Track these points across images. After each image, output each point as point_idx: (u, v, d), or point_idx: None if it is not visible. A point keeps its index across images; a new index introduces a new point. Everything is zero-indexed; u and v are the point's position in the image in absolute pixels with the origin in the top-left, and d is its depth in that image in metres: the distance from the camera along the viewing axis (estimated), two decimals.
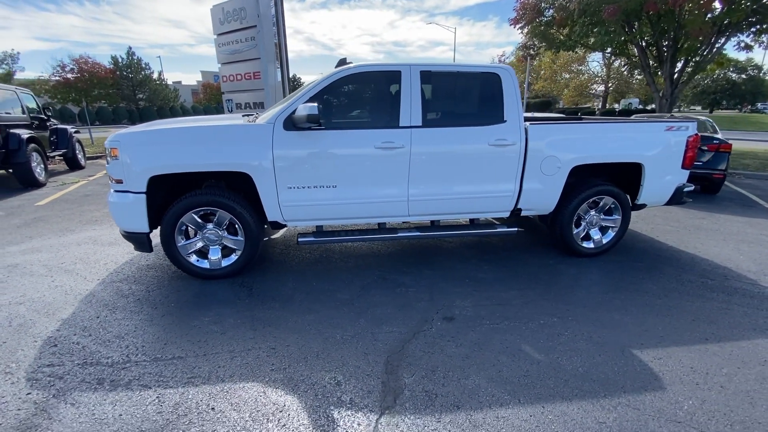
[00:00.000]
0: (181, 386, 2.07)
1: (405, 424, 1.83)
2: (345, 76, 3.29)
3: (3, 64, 29.94)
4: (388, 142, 3.24)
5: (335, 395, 2.01)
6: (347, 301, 3.00)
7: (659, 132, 3.75)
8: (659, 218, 5.41)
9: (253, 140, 3.09)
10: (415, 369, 2.22)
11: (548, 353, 2.39)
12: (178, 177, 3.18)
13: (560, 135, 3.57)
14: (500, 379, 2.15)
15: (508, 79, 3.47)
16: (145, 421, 1.84)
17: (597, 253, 3.95)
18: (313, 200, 3.27)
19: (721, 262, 3.89)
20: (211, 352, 2.36)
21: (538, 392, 2.05)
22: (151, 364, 2.25)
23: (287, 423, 1.83)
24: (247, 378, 2.13)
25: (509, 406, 1.95)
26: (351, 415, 1.88)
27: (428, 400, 1.98)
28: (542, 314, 2.84)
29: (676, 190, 3.94)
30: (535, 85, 42.34)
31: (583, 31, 11.32)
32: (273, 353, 2.35)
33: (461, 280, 3.41)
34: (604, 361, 2.32)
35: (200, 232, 3.24)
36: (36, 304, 2.91)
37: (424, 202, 3.47)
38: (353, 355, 2.34)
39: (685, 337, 2.59)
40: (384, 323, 2.70)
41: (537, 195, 3.64)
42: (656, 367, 2.27)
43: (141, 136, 3.05)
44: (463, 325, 2.68)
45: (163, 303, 2.95)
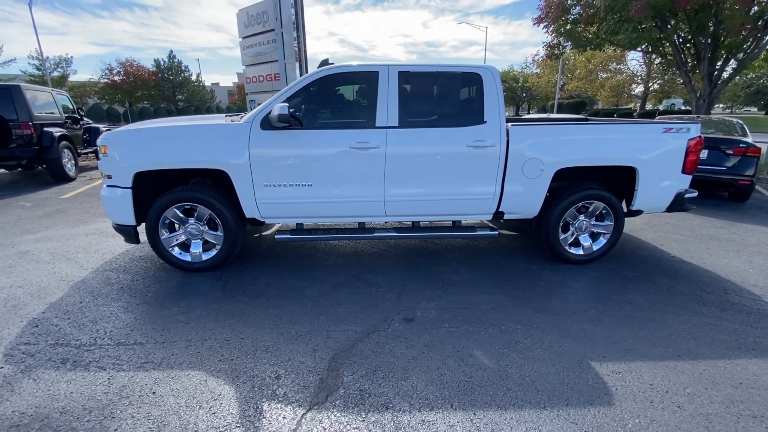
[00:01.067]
0: (133, 370, 2.19)
1: (329, 420, 1.86)
2: (323, 77, 3.35)
3: (58, 68, 32.44)
4: (363, 142, 3.27)
5: (271, 388, 2.06)
6: (314, 299, 3.05)
7: (655, 134, 3.54)
8: (669, 225, 5.09)
9: (231, 139, 3.21)
10: (357, 368, 2.23)
11: (499, 360, 2.32)
12: (165, 173, 3.35)
13: (543, 137, 3.45)
14: (440, 382, 2.12)
15: (490, 79, 3.40)
16: (91, 399, 1.97)
17: (587, 260, 3.78)
18: (289, 198, 3.34)
19: (726, 275, 3.61)
20: (170, 340, 2.48)
21: (474, 399, 2.01)
22: (114, 348, 2.39)
23: (217, 411, 1.90)
24: (195, 366, 2.23)
25: (438, 411, 1.92)
26: (279, 408, 1.93)
27: (360, 399, 1.99)
28: (507, 320, 2.77)
29: (676, 196, 3.70)
30: (569, 85, 40.81)
31: (611, 28, 10.79)
32: (226, 344, 2.44)
33: (435, 282, 3.37)
34: (557, 371, 2.23)
35: (183, 226, 3.41)
36: (33, 288, 3.17)
37: (401, 203, 3.46)
38: (302, 350, 2.39)
39: (655, 352, 2.43)
40: (343, 321, 2.72)
41: (519, 198, 3.53)
42: (611, 382, 2.15)
43: (128, 135, 3.25)
44: (421, 327, 2.66)
45: (143, 292, 3.12)
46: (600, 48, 12.93)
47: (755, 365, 2.32)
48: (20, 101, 6.54)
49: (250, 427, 1.81)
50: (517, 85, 54.43)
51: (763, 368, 2.29)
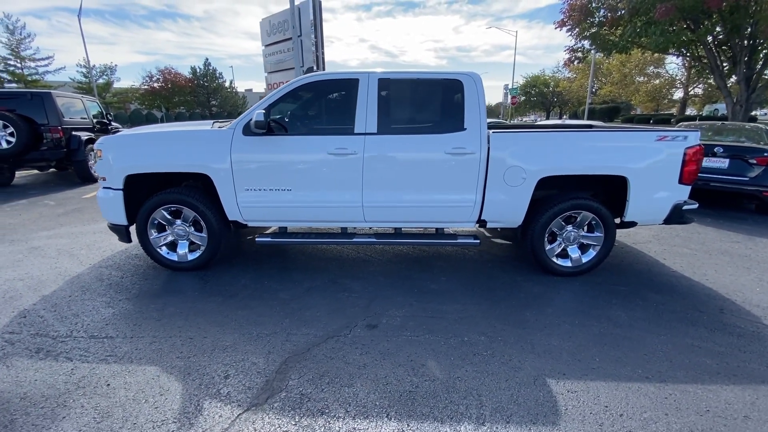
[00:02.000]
0: (96, 362, 2.32)
1: (262, 421, 1.89)
2: (304, 84, 3.43)
3: (103, 75, 34.76)
4: (342, 149, 3.31)
5: (217, 387, 2.12)
6: (285, 301, 3.10)
7: (648, 142, 3.36)
8: (679, 239, 4.80)
9: (214, 145, 3.34)
10: (305, 372, 2.26)
11: (451, 372, 2.28)
12: (156, 176, 3.53)
13: (525, 144, 3.36)
14: (383, 391, 2.11)
15: (471, 86, 3.36)
16: (51, 387, 2.10)
17: (576, 272, 3.63)
18: (269, 202, 3.43)
19: (728, 293, 3.37)
20: (138, 335, 2.60)
21: (413, 410, 1.98)
22: (86, 340, 2.54)
23: (160, 406, 1.98)
24: (153, 362, 2.33)
25: (372, 420, 1.91)
26: (219, 407, 1.98)
27: (298, 403, 2.01)
28: (471, 331, 2.71)
29: (674, 207, 3.50)
30: (602, 90, 39.29)
31: (636, 31, 10.35)
32: (188, 342, 2.53)
33: (410, 289, 3.35)
34: (508, 386, 2.16)
35: (171, 227, 3.56)
36: (32, 281, 3.42)
37: (380, 209, 3.47)
38: (257, 352, 2.44)
39: (621, 372, 2.31)
40: (306, 325, 2.76)
41: (502, 207, 3.46)
42: (563, 401, 2.06)
43: (120, 140, 3.46)
44: (382, 335, 2.65)
45: (128, 289, 3.29)
46: (626, 51, 12.39)
47: (730, 392, 2.15)
48: (51, 107, 7.08)
49: (185, 423, 1.87)
50: (547, 90, 53.07)
51: (737, 396, 2.12)
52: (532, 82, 53.04)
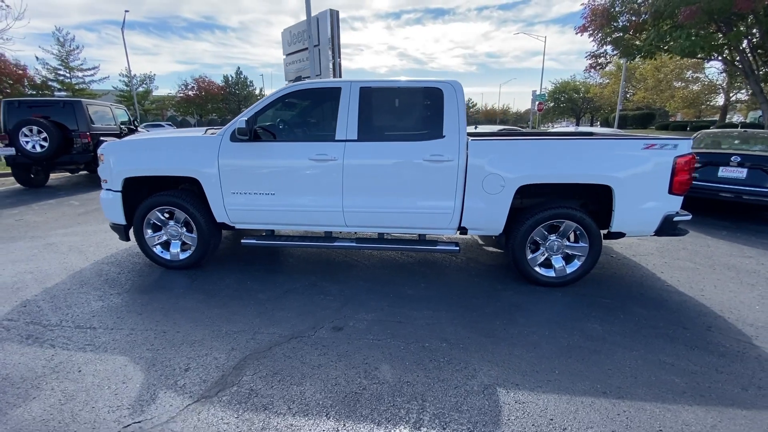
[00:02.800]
0: (75, 350, 2.50)
1: (207, 413, 1.98)
2: (289, 93, 3.57)
3: (143, 84, 37.00)
4: (322, 155, 3.41)
5: (174, 378, 2.24)
6: (261, 301, 3.22)
7: (634, 150, 3.26)
8: (685, 252, 4.57)
9: (203, 150, 3.53)
10: (261, 369, 2.34)
11: (402, 376, 2.30)
12: (155, 179, 3.77)
13: (503, 152, 3.34)
14: (330, 392, 2.16)
15: (451, 93, 3.39)
16: (30, 371, 2.29)
17: (560, 283, 3.54)
18: (254, 206, 3.58)
19: (722, 310, 3.19)
20: (118, 327, 2.78)
21: (354, 411, 2.02)
22: (71, 330, 2.75)
23: (119, 393, 2.12)
24: (124, 352, 2.49)
25: (311, 418, 1.96)
26: (171, 397, 2.10)
27: (245, 398, 2.10)
28: (435, 337, 2.71)
29: (664, 219, 3.37)
30: (635, 96, 37.75)
31: (660, 35, 9.96)
32: (161, 336, 2.68)
33: (387, 294, 3.38)
34: (456, 394, 2.16)
35: (165, 227, 3.78)
36: (40, 274, 3.71)
37: (360, 214, 3.54)
38: (222, 348, 2.55)
39: (579, 386, 2.25)
40: (274, 325, 2.85)
41: (481, 214, 3.44)
42: (508, 411, 2.04)
43: (119, 145, 3.71)
44: (344, 337, 2.70)
45: (122, 284, 3.51)
46: (652, 56, 11.91)
47: (691, 413, 2.05)
48: (81, 114, 7.65)
49: (137, 409, 2.00)
50: (577, 96, 51.53)
51: (698, 417, 2.02)
52: (561, 88, 51.69)
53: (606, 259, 4.35)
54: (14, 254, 4.23)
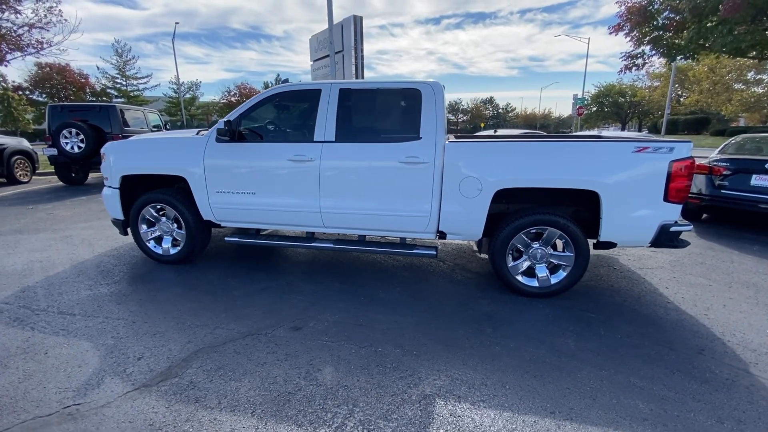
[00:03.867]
0: (50, 334, 2.68)
1: (141, 401, 2.05)
2: (272, 95, 3.65)
3: (190, 91, 39.45)
4: (300, 155, 3.45)
5: (125, 366, 2.34)
6: (234, 298, 3.29)
7: (624, 154, 3.03)
8: (702, 267, 4.16)
9: (191, 150, 3.68)
10: (207, 363, 2.39)
11: (342, 380, 2.25)
12: (151, 177, 3.98)
13: (480, 155, 3.22)
14: (264, 390, 2.16)
15: (429, 95, 3.32)
16: (4, 350, 2.49)
17: (544, 294, 3.34)
18: (237, 204, 3.68)
19: (724, 332, 2.86)
20: (95, 315, 2.95)
21: (281, 411, 2.00)
22: (54, 315, 2.95)
23: (72, 376, 2.24)
24: (91, 338, 2.63)
25: (236, 414, 1.97)
26: (116, 383, 2.19)
27: (181, 390, 2.14)
28: (390, 343, 2.64)
29: (661, 229, 3.09)
30: (688, 99, 35.10)
31: (701, 33, 9.21)
32: (129, 325, 2.81)
33: (358, 297, 3.35)
34: (391, 402, 2.08)
35: (158, 223, 3.98)
36: (48, 263, 4.03)
37: (337, 215, 3.54)
38: (179, 340, 2.63)
39: (526, 404, 2.09)
40: (236, 321, 2.90)
41: (458, 218, 3.33)
42: (437, 424, 1.94)
43: (118, 145, 3.96)
44: (300, 337, 2.70)
45: (115, 275, 3.73)
46: (694, 56, 11.01)
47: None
48: (115, 118, 8.27)
49: (81, 392, 2.11)
50: (623, 100, 48.72)
51: None
52: (605, 91, 49.15)
53: (606, 271, 4.05)
54: (33, 244, 4.63)
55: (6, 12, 12.77)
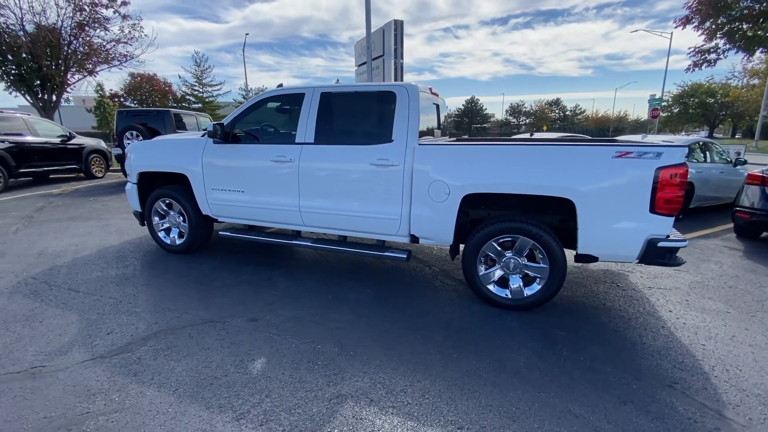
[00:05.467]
0: (52, 306, 3.12)
1: (93, 368, 2.32)
2: (262, 99, 3.88)
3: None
4: (281, 156, 3.63)
5: (93, 339, 2.65)
6: (214, 288, 3.54)
7: (602, 159, 2.76)
8: (726, 290, 3.62)
9: (192, 150, 4.04)
10: (161, 343, 2.62)
11: (268, 371, 2.34)
12: (164, 174, 4.43)
13: (448, 158, 3.13)
14: (194, 372, 2.32)
15: (404, 97, 3.31)
16: (11, 316, 2.95)
17: (516, 306, 3.15)
18: (229, 201, 3.96)
19: (715, 367, 2.48)
20: (92, 294, 3.37)
21: (198, 393, 2.14)
22: (63, 291, 3.42)
23: (51, 342, 2.60)
24: (79, 313, 3.01)
25: (158, 390, 2.15)
26: (80, 352, 2.50)
27: (128, 364, 2.39)
28: (333, 342, 2.68)
29: (647, 244, 2.76)
30: None
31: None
32: (116, 305, 3.17)
33: (327, 294, 3.43)
34: (302, 397, 2.13)
35: (167, 216, 4.41)
36: (81, 247, 4.66)
37: (315, 215, 3.65)
38: (149, 321, 2.92)
39: (435, 416, 2.01)
40: (204, 309, 3.13)
41: (428, 223, 3.27)
42: (336, 422, 1.94)
43: (139, 145, 4.45)
44: (252, 328, 2.84)
45: (127, 260, 4.21)
46: None
47: None
48: (169, 121, 9.24)
49: (50, 356, 2.44)
50: (712, 101, 43.11)
51: None
52: (690, 91, 43.91)
53: (606, 288, 3.69)
54: (77, 230, 5.37)
55: (98, 29, 14.94)
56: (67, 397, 2.11)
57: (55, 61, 14.30)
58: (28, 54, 13.50)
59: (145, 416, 1.97)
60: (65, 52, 14.49)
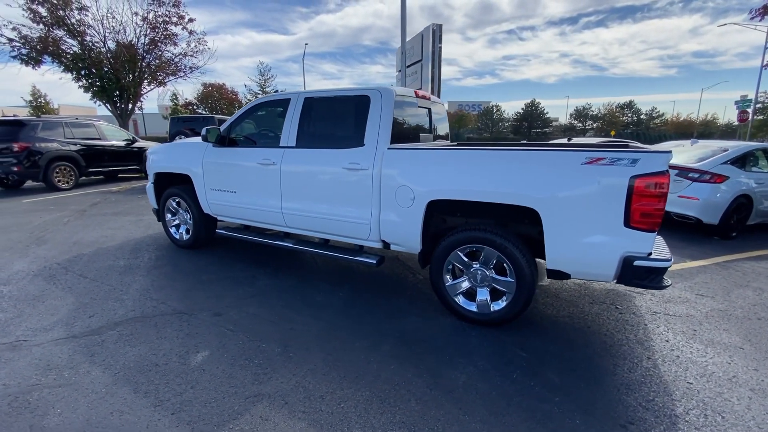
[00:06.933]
0: (59, 289, 3.53)
1: (61, 346, 2.59)
2: (255, 105, 4.08)
3: None
4: (266, 159, 3.78)
5: (75, 320, 2.96)
6: (200, 282, 3.76)
7: (569, 166, 2.50)
8: (755, 324, 3.07)
9: (195, 152, 4.35)
10: (128, 329, 2.85)
11: (205, 365, 2.44)
12: (176, 175, 4.82)
13: (413, 163, 3.03)
14: (141, 358, 2.49)
15: (377, 101, 3.29)
16: (25, 295, 3.39)
17: (483, 321, 2.95)
18: (224, 201, 4.20)
19: (688, 410, 2.13)
20: (97, 280, 3.75)
21: (132, 377, 2.30)
22: (75, 276, 3.85)
23: (42, 319, 2.94)
24: (78, 296, 3.38)
25: (104, 371, 2.34)
26: (58, 331, 2.80)
27: (91, 345, 2.63)
28: (279, 343, 2.71)
29: (624, 262, 2.45)
30: None
31: None
32: (109, 292, 3.50)
33: (295, 296, 3.49)
34: (224, 391, 2.19)
35: (177, 213, 4.78)
36: (110, 238, 5.21)
37: (296, 217, 3.74)
38: (128, 308, 3.18)
39: (340, 426, 1.96)
40: (181, 301, 3.33)
41: (396, 228, 3.20)
42: (241, 420, 1.97)
43: (156, 148, 4.89)
44: (213, 322, 2.98)
45: (140, 253, 4.63)
46: None
47: None
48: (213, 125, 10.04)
49: (35, 331, 2.77)
50: None
51: None
52: None
53: (600, 309, 3.32)
54: (114, 224, 6.02)
55: (168, 45, 16.76)
56: (29, 369, 2.38)
57: (131, 74, 16.27)
58: (109, 68, 15.54)
59: (80, 393, 2.16)
60: (140, 66, 16.42)
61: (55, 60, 14.90)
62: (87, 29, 15.06)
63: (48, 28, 14.29)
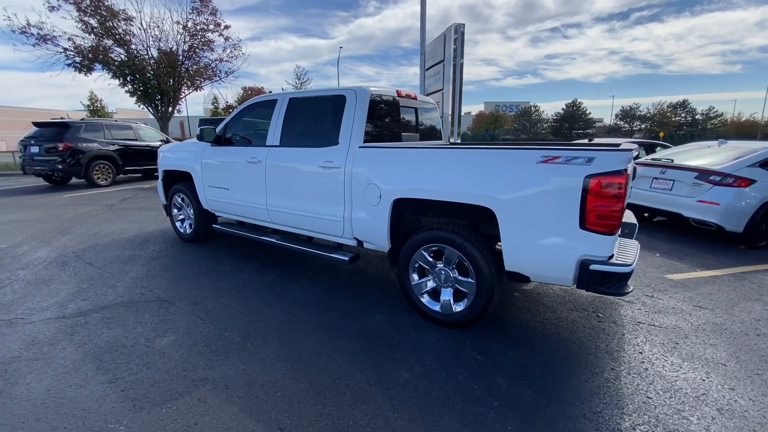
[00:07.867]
0: (66, 275, 3.88)
1: (49, 325, 2.86)
2: (248, 105, 4.26)
3: None
4: (253, 158, 3.95)
5: (70, 302, 3.25)
6: (190, 273, 3.99)
7: (524, 165, 2.42)
8: (750, 340, 2.81)
9: (194, 151, 4.61)
10: (111, 313, 3.09)
11: (169, 349, 2.60)
12: (181, 172, 5.12)
13: (380, 161, 3.06)
14: (113, 340, 2.69)
15: (352, 100, 3.34)
16: (35, 278, 3.75)
17: (447, 321, 2.92)
18: (219, 197, 4.42)
19: (637, 425, 2.00)
20: (100, 267, 4.08)
21: (99, 356, 2.49)
22: (84, 264, 4.21)
23: (43, 300, 3.26)
24: (80, 281, 3.69)
25: (76, 349, 2.56)
26: (52, 311, 3.08)
27: (75, 326, 2.87)
28: (240, 332, 2.83)
29: (581, 265, 2.34)
30: None
31: None
32: (107, 279, 3.80)
33: (272, 289, 3.61)
34: (174, 374, 2.33)
35: (182, 209, 5.09)
36: (125, 231, 5.62)
37: (279, 213, 3.88)
38: (119, 294, 3.44)
39: (269, 413, 2.02)
40: (167, 290, 3.55)
41: (365, 226, 3.24)
42: (179, 402, 2.09)
43: (165, 147, 5.22)
44: (189, 310, 3.15)
45: (147, 245, 4.97)
46: None
47: None
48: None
49: (32, 310, 3.07)
50: None
51: None
52: None
53: (580, 316, 3.17)
54: (134, 218, 6.48)
55: (205, 51, 17.80)
56: (16, 343, 2.65)
57: (171, 79, 17.39)
58: (152, 74, 16.73)
59: (50, 367, 2.39)
60: (179, 71, 17.51)
61: (104, 67, 16.27)
62: (132, 38, 16.32)
63: (98, 38, 15.62)
